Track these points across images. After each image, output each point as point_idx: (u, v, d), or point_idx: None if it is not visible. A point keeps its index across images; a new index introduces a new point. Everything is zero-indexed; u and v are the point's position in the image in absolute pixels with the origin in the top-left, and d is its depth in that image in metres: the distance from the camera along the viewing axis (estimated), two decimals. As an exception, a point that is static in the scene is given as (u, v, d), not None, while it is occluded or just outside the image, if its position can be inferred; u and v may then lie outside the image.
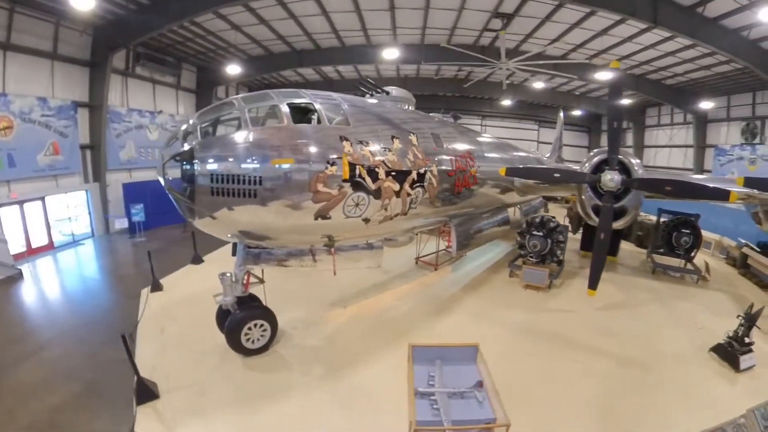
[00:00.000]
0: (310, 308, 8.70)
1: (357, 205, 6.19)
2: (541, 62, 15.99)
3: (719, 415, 5.19)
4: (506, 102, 31.33)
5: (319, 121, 6.13)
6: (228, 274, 6.60)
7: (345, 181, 5.87)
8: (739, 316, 7.19)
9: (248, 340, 6.59)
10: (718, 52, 12.84)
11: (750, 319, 6.97)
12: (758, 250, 11.68)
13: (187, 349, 7.02)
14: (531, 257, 11.10)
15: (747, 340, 6.92)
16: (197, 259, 11.89)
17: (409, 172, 7.00)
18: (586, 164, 9.55)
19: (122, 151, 16.11)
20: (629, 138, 29.56)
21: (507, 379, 5.55)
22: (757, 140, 18.09)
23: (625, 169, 8.71)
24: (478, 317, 8.82)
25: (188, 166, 5.27)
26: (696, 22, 11.52)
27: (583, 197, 9.59)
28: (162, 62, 16.57)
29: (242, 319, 6.54)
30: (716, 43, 12.01)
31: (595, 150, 9.95)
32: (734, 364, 6.78)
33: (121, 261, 13.15)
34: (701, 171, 20.62)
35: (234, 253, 7.21)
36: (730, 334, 7.11)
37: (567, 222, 15.08)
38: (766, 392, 5.93)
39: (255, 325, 6.62)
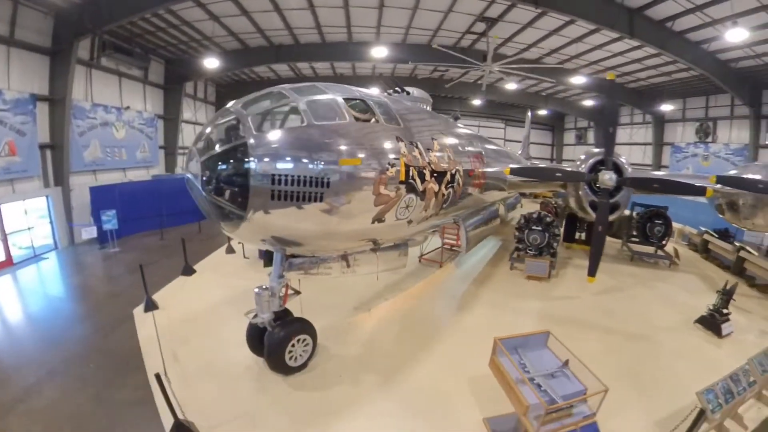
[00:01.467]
0: (334, 316, 8.73)
1: (407, 207, 6.36)
2: (524, 66, 17.49)
3: (715, 371, 6.62)
4: (477, 101, 33.33)
5: (376, 120, 6.11)
6: (264, 288, 6.22)
7: (401, 182, 5.98)
8: (717, 291, 8.90)
9: (291, 357, 6.37)
10: (680, 61, 15.24)
11: (727, 294, 8.68)
12: (716, 236, 14.10)
13: (213, 377, 6.48)
14: (529, 250, 12.45)
15: (725, 311, 8.62)
16: (189, 270, 11.52)
17: (445, 173, 7.51)
18: (583, 165, 10.96)
19: (86, 151, 15.06)
20: (590, 136, 33.00)
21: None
22: (709, 139, 21.53)
23: (617, 169, 10.17)
24: (497, 309, 9.81)
25: (240, 165, 4.72)
26: (665, 35, 13.76)
27: (580, 193, 11.02)
28: (130, 53, 15.69)
29: (286, 337, 6.25)
30: (681, 54, 14.38)
31: (589, 152, 11.43)
32: (717, 332, 8.45)
33: (98, 277, 11.97)
34: (659, 167, 23.87)
35: (266, 264, 7.22)
36: (711, 307, 8.80)
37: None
38: (746, 352, 7.50)
39: (298, 340, 6.42)
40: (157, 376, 5.13)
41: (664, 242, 13.87)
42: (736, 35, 11.66)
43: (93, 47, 14.77)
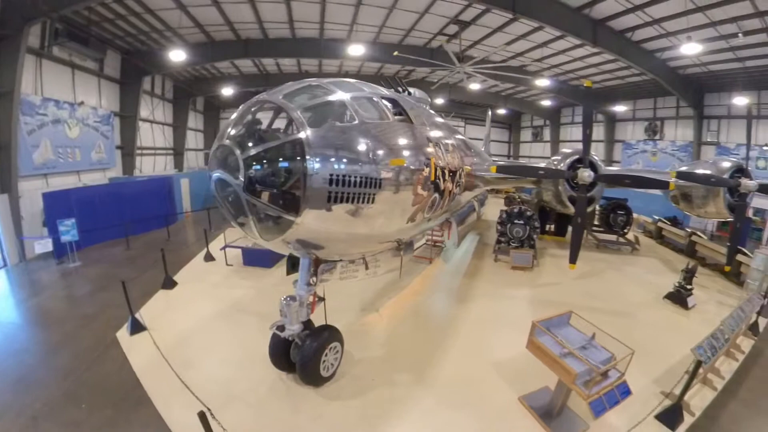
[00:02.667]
0: (345, 319, 8.65)
1: (432, 206, 6.61)
2: (494, 68, 18.78)
3: (688, 336, 8.06)
4: (440, 101, 34.70)
5: (409, 120, 6.25)
6: (292, 298, 6.02)
7: (431, 182, 6.25)
8: (682, 270, 10.48)
9: (324, 368, 6.26)
10: (634, 67, 17.36)
11: (690, 272, 10.27)
12: (668, 223, 16.31)
13: (240, 401, 6.07)
14: (512, 243, 13.60)
15: (689, 287, 10.20)
16: (169, 283, 10.83)
17: (455, 172, 8.07)
18: (562, 163, 12.24)
19: (36, 152, 13.65)
20: (546, 134, 35.87)
21: None
22: (657, 137, 24.57)
23: (592, 166, 11.50)
24: (494, 299, 10.65)
25: (296, 164, 4.42)
26: (624, 44, 15.68)
27: (560, 189, 12.29)
28: (85, 42, 14.46)
29: (319, 347, 6.07)
30: (636, 61, 16.42)
31: (566, 152, 12.80)
32: (684, 305, 10.00)
33: (62, 297, 10.54)
34: (611, 162, 26.74)
35: (289, 272, 7.10)
36: (677, 284, 10.36)
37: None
38: (710, 320, 9.17)
39: (330, 349, 6.28)
40: (202, 415, 4.49)
41: (625, 230, 15.79)
42: (690, 49, 13.73)
43: (44, 34, 13.40)
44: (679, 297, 10.18)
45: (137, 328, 8.24)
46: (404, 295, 10.64)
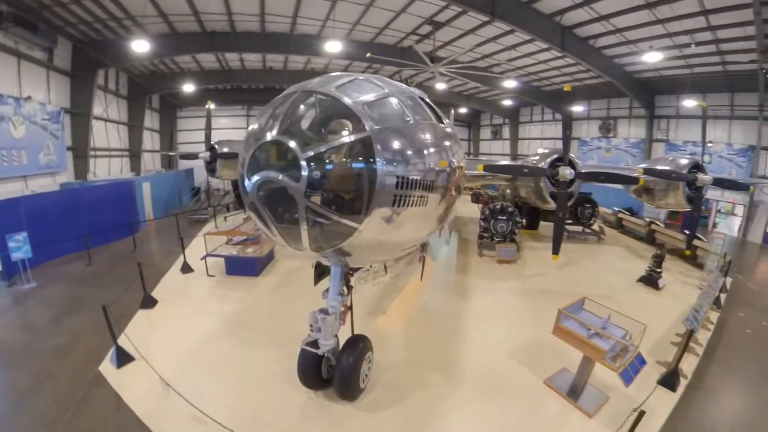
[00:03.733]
0: (356, 325, 8.88)
1: (455, 206, 6.85)
2: (468, 69, 19.66)
3: (664, 313, 9.46)
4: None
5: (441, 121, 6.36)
6: (324, 311, 5.75)
7: (459, 182, 6.41)
8: (652, 256, 11.88)
9: (361, 380, 6.13)
10: (593, 71, 19.11)
11: (659, 258, 11.67)
12: (628, 213, 18.21)
13: (272, 427, 5.71)
14: (496, 238, 14.49)
15: (658, 270, 11.60)
16: (149, 301, 9.76)
17: (462, 172, 8.72)
18: (543, 162, 13.24)
19: (-24, 154, 12.19)
20: (506, 132, 38.03)
21: (547, 323, 8.01)
22: (611, 134, 27.15)
23: (572, 164, 12.57)
24: (490, 291, 11.26)
25: (367, 164, 4.16)
26: (587, 50, 17.28)
27: (541, 185, 13.30)
28: (34, 29, 13.01)
29: (358, 359, 5.92)
30: (596, 65, 18.14)
31: (545, 151, 13.84)
32: (655, 286, 11.36)
33: (19, 326, 8.94)
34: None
35: (317, 282, 6.83)
36: (648, 268, 11.73)
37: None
38: (679, 298, 10.67)
39: (365, 360, 6.17)
40: None
41: (592, 222, 17.38)
42: (652, 57, 15.46)
43: (-15, 19, 11.96)
44: (650, 280, 11.56)
45: (124, 358, 7.15)
46: (405, 295, 10.81)
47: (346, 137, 4.24)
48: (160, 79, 24.19)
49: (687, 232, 13.17)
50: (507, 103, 33.85)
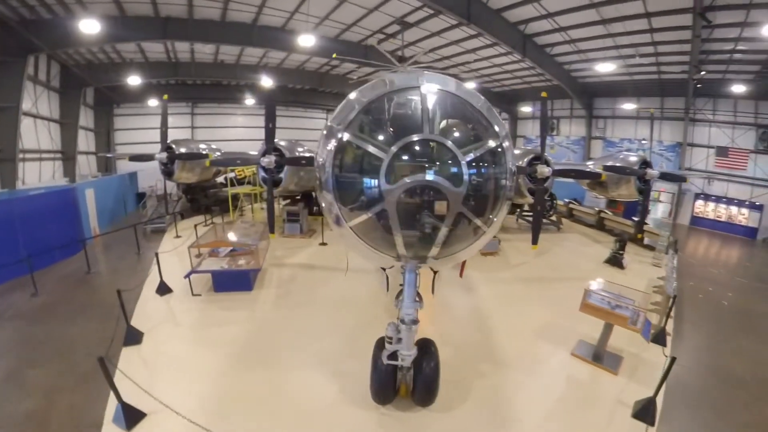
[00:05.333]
0: (382, 318, 8.64)
1: None
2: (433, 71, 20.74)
3: (633, 286, 10.85)
4: (358, 99, 35.80)
5: None
6: (402, 321, 5.55)
7: None
8: (615, 240, 14.00)
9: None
10: (546, 75, 21.47)
11: (622, 241, 13.81)
12: (578, 203, 20.90)
13: None
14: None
15: (621, 252, 13.74)
16: (134, 336, 8.05)
17: None
18: (521, 161, 14.75)
19: None
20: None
21: (551, 305, 9.75)
22: (554, 132, 30.53)
23: (547, 163, 14.20)
24: (489, 282, 12.21)
25: (506, 166, 4.33)
26: (543, 57, 19.45)
27: (520, 182, 14.82)
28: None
29: (437, 364, 5.89)
30: (549, 70, 20.44)
31: (520, 151, 15.41)
32: (620, 266, 13.44)
33: None
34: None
35: (388, 289, 6.57)
36: (613, 251, 13.83)
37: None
38: (641, 273, 12.82)
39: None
40: None
41: (551, 213, 19.64)
42: (604, 67, 17.97)
43: None
44: (616, 260, 13.66)
45: (133, 416, 5.76)
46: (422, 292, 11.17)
47: (490, 142, 4.31)
48: (98, 69, 21.59)
49: (636, 219, 15.77)
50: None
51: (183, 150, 17.93)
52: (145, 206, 20.51)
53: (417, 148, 4.02)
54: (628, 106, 24.02)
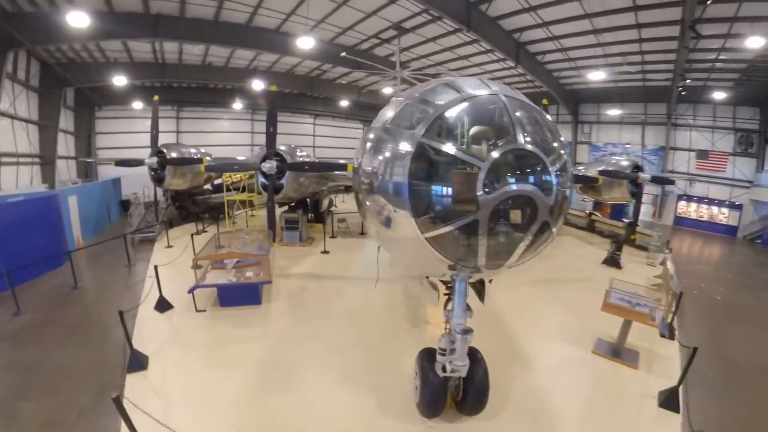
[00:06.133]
0: (414, 339, 8.49)
1: None
2: (426, 76, 21.04)
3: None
4: (344, 103, 35.72)
5: None
6: (457, 331, 5.54)
7: None
8: (612, 242, 14.57)
9: None
10: (537, 82, 22.26)
11: (618, 243, 14.39)
12: (568, 207, 21.75)
13: None
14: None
15: (618, 253, 14.32)
16: (139, 361, 7.15)
17: None
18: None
19: None
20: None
21: (563, 306, 10.09)
22: None
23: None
24: (494, 286, 12.40)
25: (570, 173, 4.50)
26: (535, 64, 20.26)
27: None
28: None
29: (486, 371, 5.90)
30: (540, 77, 21.21)
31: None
32: (617, 266, 14.02)
33: None
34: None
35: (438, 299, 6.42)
36: (610, 252, 14.39)
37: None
38: (637, 272, 13.34)
39: None
40: None
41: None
42: (596, 76, 18.88)
43: None
44: (613, 261, 14.25)
45: None
46: (417, 299, 10.60)
47: (562, 151, 4.44)
48: (80, 69, 20.64)
49: (626, 220, 16.54)
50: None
51: (175, 155, 17.39)
52: (132, 215, 19.61)
53: (512, 157, 4.02)
54: (613, 111, 25.26)
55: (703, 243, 21.70)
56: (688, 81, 19.09)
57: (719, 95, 21.63)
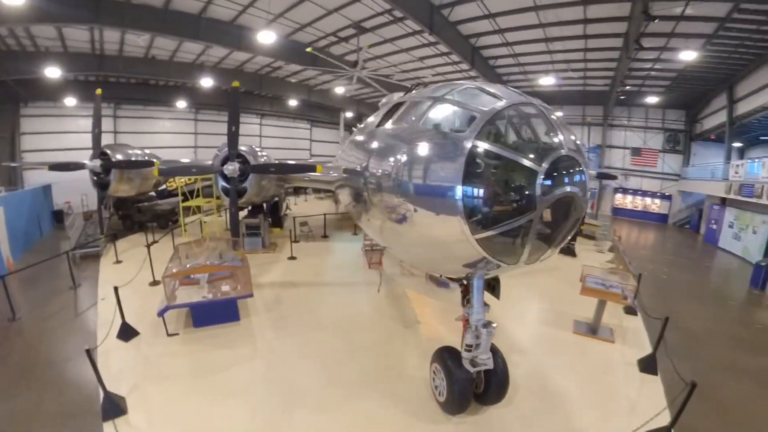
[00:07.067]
0: (412, 337, 8.66)
1: None
2: (383, 77, 21.37)
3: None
4: (293, 102, 34.87)
5: None
6: (479, 327, 5.71)
7: None
8: (567, 231, 15.97)
9: None
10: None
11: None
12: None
13: None
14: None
15: (573, 242, 15.69)
16: (116, 405, 5.97)
17: None
18: None
19: None
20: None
21: (532, 294, 11.02)
22: None
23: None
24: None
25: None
26: (487, 68, 21.57)
27: None
28: None
29: (504, 359, 6.16)
30: (490, 80, 22.26)
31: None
32: (573, 254, 15.38)
33: None
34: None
35: (465, 303, 6.34)
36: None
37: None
38: (591, 259, 14.71)
39: None
40: None
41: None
42: (546, 81, 20.53)
43: None
44: (569, 250, 15.57)
45: None
46: (415, 300, 10.78)
47: (584, 152, 4.81)
48: (6, 58, 17.87)
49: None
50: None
51: (121, 157, 15.68)
52: (69, 227, 17.33)
53: (561, 161, 4.26)
54: (556, 113, 27.98)
55: (639, 230, 24.63)
56: (627, 87, 21.63)
57: (651, 99, 25.08)
